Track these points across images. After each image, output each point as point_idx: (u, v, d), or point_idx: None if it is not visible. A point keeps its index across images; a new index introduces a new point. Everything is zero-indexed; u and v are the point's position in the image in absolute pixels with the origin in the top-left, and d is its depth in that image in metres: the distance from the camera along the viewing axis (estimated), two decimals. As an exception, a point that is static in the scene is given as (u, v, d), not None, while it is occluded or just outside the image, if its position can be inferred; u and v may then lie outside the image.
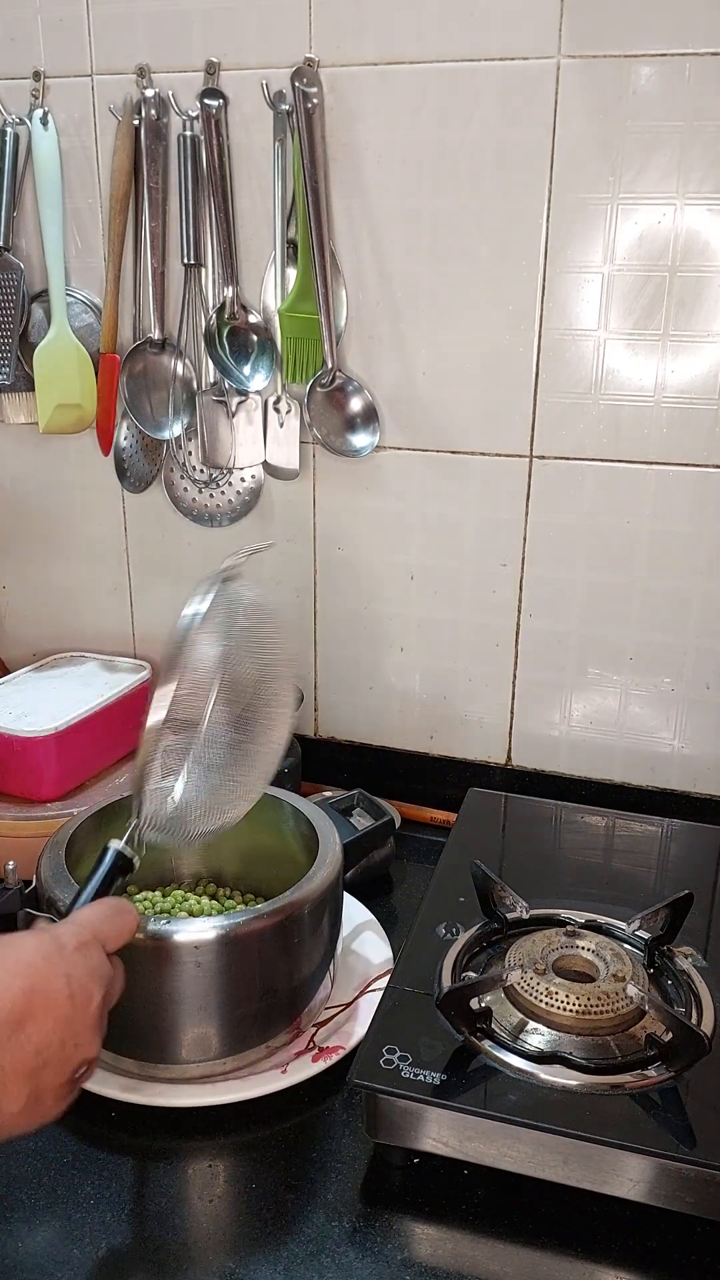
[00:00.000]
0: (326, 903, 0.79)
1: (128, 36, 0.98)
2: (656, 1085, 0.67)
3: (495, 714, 1.10)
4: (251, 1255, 0.64)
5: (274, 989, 0.76)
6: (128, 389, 1.07)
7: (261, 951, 0.74)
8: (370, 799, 1.01)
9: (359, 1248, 0.65)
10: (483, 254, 0.95)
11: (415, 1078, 0.68)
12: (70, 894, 0.71)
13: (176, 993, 0.73)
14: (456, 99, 0.91)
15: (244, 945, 0.73)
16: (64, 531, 1.19)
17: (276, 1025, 0.78)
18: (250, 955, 0.74)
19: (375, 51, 0.92)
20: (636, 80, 0.86)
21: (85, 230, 1.05)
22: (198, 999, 0.73)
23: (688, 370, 0.93)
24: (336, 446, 1.03)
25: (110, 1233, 0.66)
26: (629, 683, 1.04)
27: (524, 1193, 0.67)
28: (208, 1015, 0.74)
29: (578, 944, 0.77)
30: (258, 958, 0.74)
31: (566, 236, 0.92)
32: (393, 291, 0.98)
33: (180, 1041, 0.74)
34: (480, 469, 1.01)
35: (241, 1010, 0.75)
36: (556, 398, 0.97)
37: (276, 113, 0.95)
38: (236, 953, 0.73)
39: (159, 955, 0.71)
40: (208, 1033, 0.74)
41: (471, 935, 0.81)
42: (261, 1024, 0.77)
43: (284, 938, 0.75)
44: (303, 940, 0.77)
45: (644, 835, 0.98)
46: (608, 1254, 0.64)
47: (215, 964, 0.72)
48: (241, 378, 1.03)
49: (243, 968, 0.74)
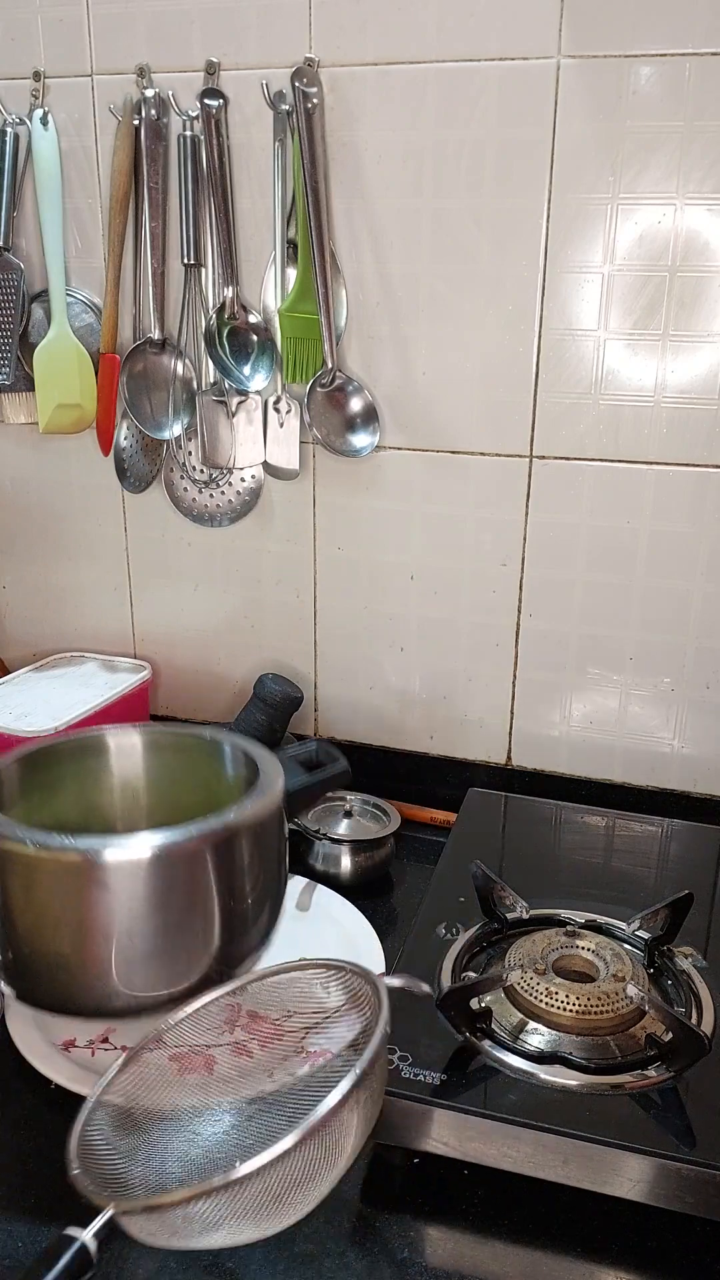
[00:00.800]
0: (267, 832, 0.74)
1: (128, 36, 0.98)
2: (656, 1085, 0.67)
3: (495, 714, 1.10)
4: (251, 1255, 0.64)
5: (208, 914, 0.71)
6: (128, 389, 1.07)
7: (194, 874, 0.70)
8: (329, 751, 0.94)
9: (359, 1248, 0.65)
10: (483, 254, 0.95)
11: (415, 1078, 0.68)
12: None
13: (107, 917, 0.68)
14: (456, 99, 0.91)
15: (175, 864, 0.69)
16: (64, 531, 1.19)
17: (216, 959, 0.72)
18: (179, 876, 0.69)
19: (375, 51, 0.92)
20: (636, 80, 0.86)
21: (85, 230, 1.05)
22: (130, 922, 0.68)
23: (688, 370, 0.93)
24: (336, 446, 1.03)
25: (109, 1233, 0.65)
26: (629, 683, 1.04)
27: (524, 1193, 0.67)
28: (142, 941, 0.69)
29: (578, 944, 0.77)
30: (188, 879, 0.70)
31: (566, 236, 0.92)
32: (393, 291, 0.98)
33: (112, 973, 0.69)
34: (480, 469, 1.01)
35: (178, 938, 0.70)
36: (556, 398, 0.97)
37: (276, 113, 0.95)
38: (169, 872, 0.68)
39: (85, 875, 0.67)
40: (145, 964, 0.69)
41: (471, 935, 0.81)
42: (199, 954, 0.72)
43: (218, 860, 0.71)
44: (236, 869, 0.72)
45: (644, 835, 0.98)
46: (608, 1254, 0.64)
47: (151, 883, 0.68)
48: (241, 378, 1.03)
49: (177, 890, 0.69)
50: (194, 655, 1.19)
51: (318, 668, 1.15)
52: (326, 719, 1.17)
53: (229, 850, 0.72)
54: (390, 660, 1.11)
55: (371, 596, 1.10)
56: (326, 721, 1.17)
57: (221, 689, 1.20)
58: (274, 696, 1.04)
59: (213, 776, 0.85)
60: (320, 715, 1.17)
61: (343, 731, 1.16)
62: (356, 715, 1.15)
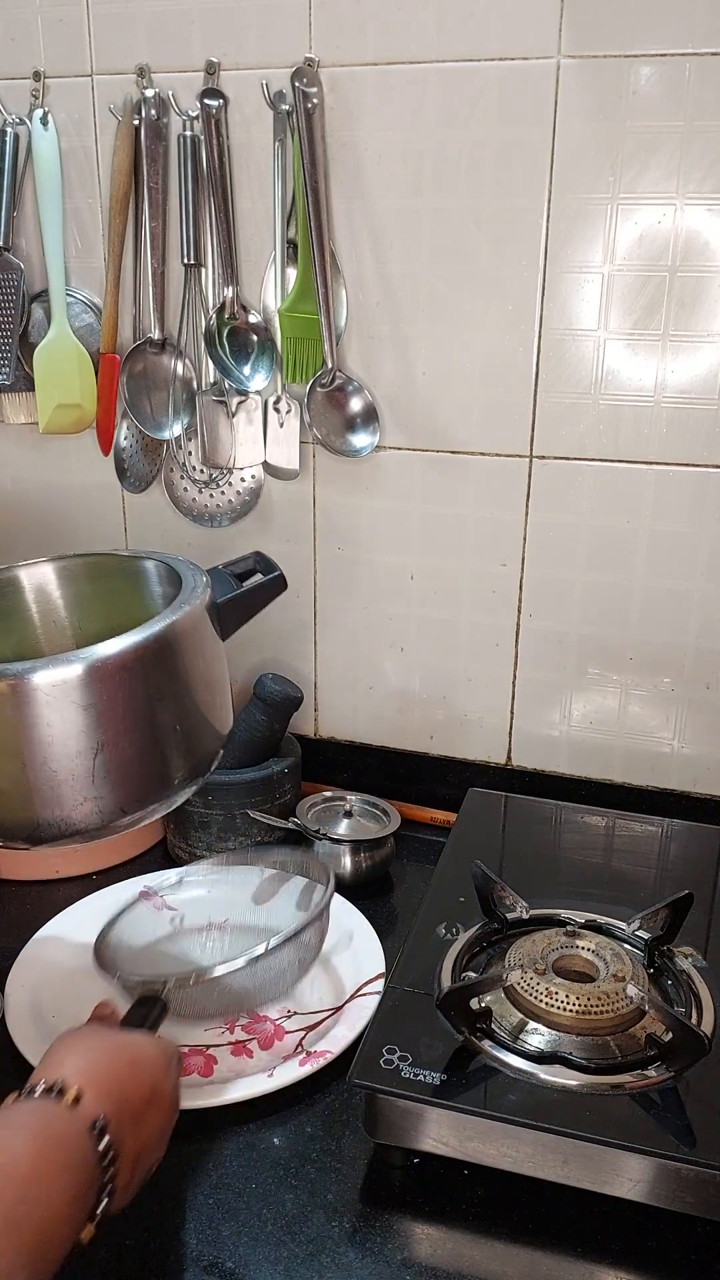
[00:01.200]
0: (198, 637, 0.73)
1: (128, 36, 0.98)
2: (656, 1085, 0.67)
3: (495, 714, 1.10)
4: (251, 1255, 0.64)
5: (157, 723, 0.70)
6: (128, 389, 1.07)
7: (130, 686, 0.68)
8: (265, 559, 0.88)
9: (359, 1248, 0.65)
10: (483, 254, 0.95)
11: (415, 1078, 0.68)
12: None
13: (49, 739, 0.66)
14: (456, 99, 0.91)
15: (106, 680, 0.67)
16: (64, 531, 1.19)
17: (172, 769, 0.72)
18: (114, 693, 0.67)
19: (375, 51, 0.92)
20: (636, 80, 0.86)
21: (85, 230, 1.05)
22: (76, 742, 0.67)
23: (688, 370, 0.93)
24: (336, 446, 1.03)
25: (109, 1233, 0.65)
26: (629, 683, 1.04)
27: (524, 1193, 0.67)
28: (89, 759, 0.68)
29: (578, 944, 0.77)
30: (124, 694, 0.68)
31: (566, 236, 0.92)
32: (393, 291, 0.98)
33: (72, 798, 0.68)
34: (480, 469, 1.01)
35: (127, 751, 0.69)
36: (556, 398, 0.97)
37: (276, 113, 0.95)
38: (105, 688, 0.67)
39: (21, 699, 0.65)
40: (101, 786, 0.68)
41: (471, 935, 0.81)
42: (157, 766, 0.72)
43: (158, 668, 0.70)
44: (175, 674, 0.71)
45: (644, 835, 0.98)
46: (608, 1254, 0.64)
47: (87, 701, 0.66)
48: (241, 378, 1.03)
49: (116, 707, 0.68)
50: (194, 655, 1.19)
51: (318, 668, 1.15)
52: (326, 719, 1.17)
53: (159, 661, 0.70)
54: (390, 660, 1.11)
55: (371, 596, 1.10)
56: (326, 721, 1.17)
57: (221, 689, 1.19)
58: (274, 696, 1.04)
59: (136, 598, 0.82)
60: (320, 715, 1.17)
61: (343, 731, 1.16)
62: (356, 715, 1.15)
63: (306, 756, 1.12)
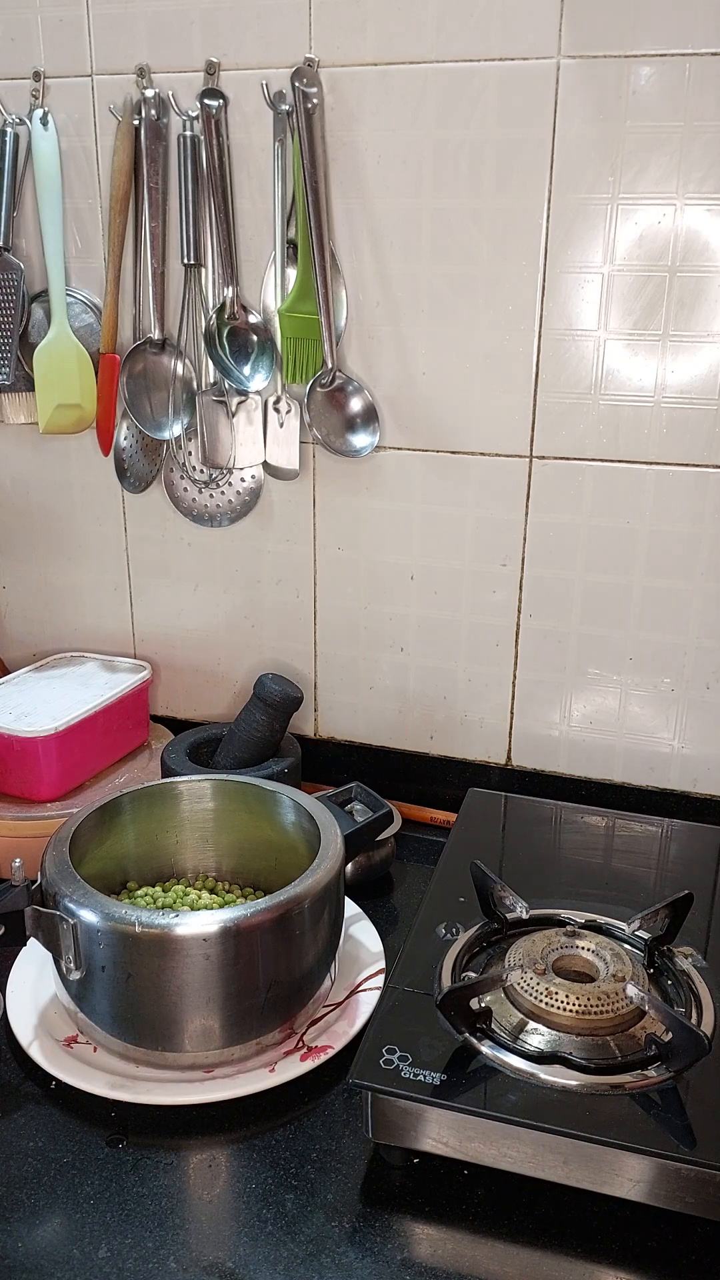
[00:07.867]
0: (330, 894, 0.79)
1: (128, 36, 0.98)
2: (656, 1085, 0.67)
3: (495, 714, 1.10)
4: (251, 1255, 0.64)
5: (277, 980, 0.76)
6: (128, 389, 1.07)
7: (264, 943, 0.75)
8: (367, 791, 1.00)
9: (359, 1248, 0.65)
10: (483, 254, 0.95)
11: (415, 1078, 0.68)
12: (74, 889, 0.72)
13: (184, 985, 0.74)
14: (456, 99, 0.91)
15: (249, 937, 0.74)
16: (64, 531, 1.19)
17: (282, 1016, 0.78)
18: (254, 947, 0.74)
19: (375, 51, 0.92)
20: (636, 80, 0.86)
21: (85, 230, 1.05)
22: (204, 991, 0.74)
23: (688, 370, 0.93)
24: (336, 446, 1.03)
25: (110, 1233, 0.66)
26: (629, 683, 1.04)
27: (524, 1193, 0.67)
28: (213, 1007, 0.74)
29: (578, 944, 0.77)
30: (260, 949, 0.75)
31: (566, 236, 0.92)
32: (393, 291, 0.98)
33: (185, 1031, 0.75)
34: (480, 469, 1.01)
35: (248, 1002, 0.75)
36: (556, 398, 0.97)
37: (276, 113, 0.95)
38: (241, 945, 0.73)
39: (165, 948, 0.72)
40: (211, 1024, 0.75)
41: (471, 935, 0.81)
42: (267, 1015, 0.77)
43: (287, 930, 0.76)
44: (304, 932, 0.77)
45: (644, 835, 0.98)
46: (608, 1254, 0.64)
47: (222, 956, 0.73)
48: (241, 378, 1.03)
49: (247, 960, 0.74)
50: (194, 655, 1.19)
51: (318, 668, 1.15)
52: (326, 719, 1.17)
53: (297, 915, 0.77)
54: (390, 660, 1.11)
55: (371, 596, 1.10)
56: (326, 721, 1.17)
57: (221, 689, 1.20)
58: (274, 696, 1.04)
59: (272, 816, 0.91)
60: (320, 715, 1.17)
61: (342, 731, 1.16)
62: (356, 715, 1.15)
63: (306, 756, 1.12)
